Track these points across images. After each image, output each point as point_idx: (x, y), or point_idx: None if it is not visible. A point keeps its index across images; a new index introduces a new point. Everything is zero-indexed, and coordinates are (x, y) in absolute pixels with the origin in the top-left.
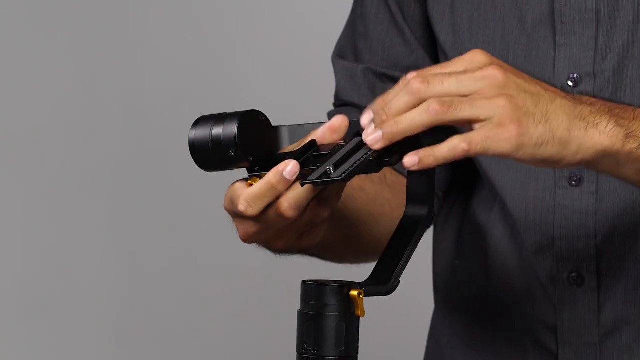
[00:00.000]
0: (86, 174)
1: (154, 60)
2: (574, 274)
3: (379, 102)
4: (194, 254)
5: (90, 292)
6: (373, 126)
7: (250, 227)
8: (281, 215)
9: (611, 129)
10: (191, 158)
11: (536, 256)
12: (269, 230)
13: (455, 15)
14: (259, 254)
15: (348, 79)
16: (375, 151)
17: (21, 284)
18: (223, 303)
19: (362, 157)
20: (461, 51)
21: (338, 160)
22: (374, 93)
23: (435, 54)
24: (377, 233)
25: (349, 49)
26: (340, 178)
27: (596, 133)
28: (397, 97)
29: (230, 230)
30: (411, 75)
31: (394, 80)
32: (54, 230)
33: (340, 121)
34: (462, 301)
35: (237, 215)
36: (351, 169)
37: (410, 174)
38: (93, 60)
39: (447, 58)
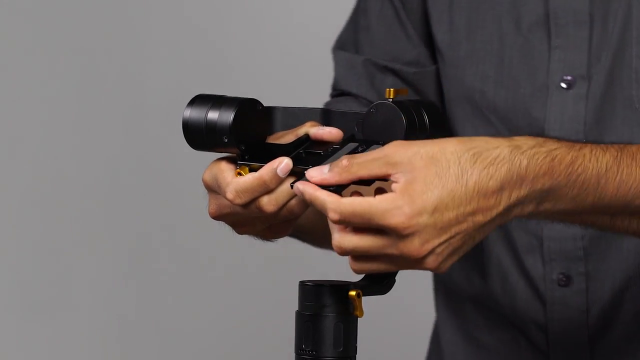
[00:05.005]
0: (86, 173)
1: (152, 59)
2: (562, 275)
3: (307, 193)
4: (192, 255)
5: (90, 292)
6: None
7: (225, 208)
8: (260, 209)
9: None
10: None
11: (526, 256)
12: (241, 215)
13: (453, 14)
14: (256, 255)
15: (348, 69)
16: None
17: (21, 285)
18: (221, 304)
19: None
20: (457, 50)
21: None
22: (373, 84)
23: (434, 51)
24: None
25: (350, 42)
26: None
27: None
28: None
29: (229, 231)
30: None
31: (394, 73)
32: (53, 229)
33: (337, 134)
34: (460, 300)
35: (214, 192)
36: None
37: None
38: (91, 59)
39: (443, 57)
